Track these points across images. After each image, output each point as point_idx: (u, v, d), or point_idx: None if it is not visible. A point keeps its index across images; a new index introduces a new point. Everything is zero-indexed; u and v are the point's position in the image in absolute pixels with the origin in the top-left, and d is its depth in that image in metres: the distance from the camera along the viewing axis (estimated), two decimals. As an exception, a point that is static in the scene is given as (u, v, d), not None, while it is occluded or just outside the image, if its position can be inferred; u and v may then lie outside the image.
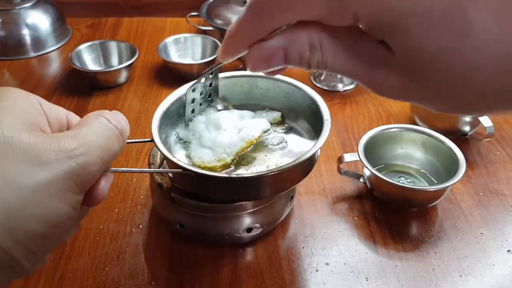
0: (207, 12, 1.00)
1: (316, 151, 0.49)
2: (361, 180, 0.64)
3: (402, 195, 0.60)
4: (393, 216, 0.61)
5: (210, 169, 0.49)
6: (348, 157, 0.63)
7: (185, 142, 0.54)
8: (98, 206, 0.64)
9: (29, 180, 0.27)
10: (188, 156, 0.52)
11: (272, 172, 0.46)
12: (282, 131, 0.56)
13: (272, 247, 0.57)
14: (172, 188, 0.54)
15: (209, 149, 0.51)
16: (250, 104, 0.59)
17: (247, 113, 0.56)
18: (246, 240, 0.56)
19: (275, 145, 0.54)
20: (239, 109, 0.57)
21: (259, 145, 0.53)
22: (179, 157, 0.52)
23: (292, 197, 0.58)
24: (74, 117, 0.35)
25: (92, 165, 0.30)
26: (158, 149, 0.48)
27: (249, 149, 0.52)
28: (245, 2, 0.24)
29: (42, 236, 0.28)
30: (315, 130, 0.54)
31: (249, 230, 0.55)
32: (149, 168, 0.57)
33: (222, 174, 0.49)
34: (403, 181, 0.64)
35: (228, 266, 0.55)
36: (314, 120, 0.54)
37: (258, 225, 0.55)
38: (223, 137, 0.51)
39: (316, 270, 0.55)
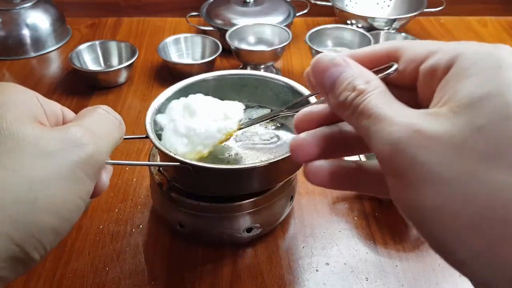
0: (207, 12, 1.00)
1: None
2: (361, 180, 0.64)
3: (402, 195, 0.60)
4: (393, 216, 0.61)
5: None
6: (348, 157, 0.63)
7: (159, 131, 0.53)
8: (98, 206, 0.64)
9: (39, 173, 0.27)
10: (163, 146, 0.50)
11: (273, 160, 0.47)
12: (273, 127, 0.57)
13: (272, 247, 0.57)
14: (172, 188, 0.54)
15: (184, 137, 0.49)
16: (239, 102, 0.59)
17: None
18: (246, 240, 0.56)
19: (267, 140, 0.55)
20: None
21: (251, 142, 0.54)
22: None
23: (292, 197, 0.58)
24: (69, 112, 0.35)
25: (99, 153, 0.30)
26: (154, 144, 0.48)
27: (226, 142, 0.52)
28: (245, 2, 0.24)
29: (54, 228, 0.28)
30: None
31: (249, 230, 0.55)
32: (149, 167, 0.57)
33: (221, 166, 0.49)
34: (403, 181, 0.64)
35: (228, 266, 0.55)
36: None
37: (258, 225, 0.55)
38: (198, 123, 0.49)
39: (316, 270, 0.55)
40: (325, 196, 0.64)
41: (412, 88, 0.27)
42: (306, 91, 0.55)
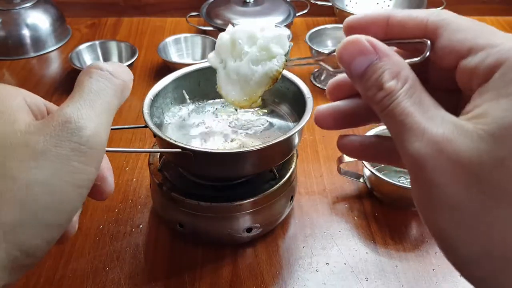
0: (207, 12, 1.00)
1: (302, 126, 0.50)
2: (361, 180, 0.64)
3: (402, 195, 0.60)
4: (393, 216, 0.61)
5: (242, 107, 0.49)
6: (348, 157, 0.63)
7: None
8: (98, 206, 0.64)
9: (34, 175, 0.26)
10: (219, 92, 0.50)
11: (268, 144, 0.48)
12: (265, 114, 0.58)
13: (272, 247, 0.57)
14: (172, 188, 0.54)
15: (236, 83, 0.48)
16: None
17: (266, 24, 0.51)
18: (246, 240, 0.56)
19: (260, 126, 0.56)
20: (220, 96, 0.59)
21: (245, 128, 0.56)
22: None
23: (292, 197, 0.58)
24: (52, 106, 0.33)
25: (98, 134, 0.28)
26: (154, 132, 0.49)
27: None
28: (245, 2, 0.24)
29: (58, 224, 0.27)
30: (297, 112, 0.56)
31: (249, 230, 0.55)
32: (149, 167, 0.57)
33: (220, 150, 0.50)
34: (403, 181, 0.64)
35: (228, 266, 0.55)
36: (295, 102, 0.56)
37: (258, 225, 0.55)
38: (247, 67, 0.47)
39: (316, 270, 0.55)
40: (325, 196, 0.64)
41: (451, 70, 0.25)
42: (299, 82, 0.56)
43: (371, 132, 0.64)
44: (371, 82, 0.25)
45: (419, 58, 0.26)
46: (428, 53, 0.26)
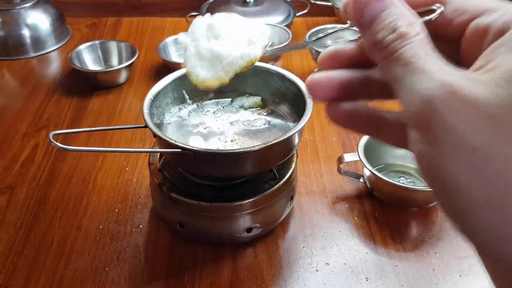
0: (207, 12, 1.00)
1: (303, 126, 0.51)
2: (361, 180, 0.64)
3: (402, 195, 0.60)
4: (393, 216, 0.61)
5: (207, 86, 0.48)
6: (348, 157, 0.63)
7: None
8: (98, 206, 0.64)
9: None
10: (184, 67, 0.49)
11: (270, 143, 0.48)
12: (265, 114, 0.59)
13: (272, 247, 0.57)
14: (172, 188, 0.54)
15: (205, 61, 0.48)
16: (229, 91, 0.61)
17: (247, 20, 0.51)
18: (246, 240, 0.56)
19: (259, 126, 0.56)
20: (220, 97, 0.60)
21: (244, 128, 0.56)
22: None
23: (292, 197, 0.58)
24: None
25: None
26: (154, 132, 0.49)
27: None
28: (245, 2, 0.23)
29: None
30: (297, 112, 0.56)
31: (249, 230, 0.55)
32: (149, 167, 0.57)
33: (220, 150, 0.51)
34: (403, 181, 0.64)
35: (228, 266, 0.55)
36: (295, 102, 0.57)
37: (258, 225, 0.55)
38: (221, 48, 0.47)
39: (316, 270, 0.55)
40: (325, 196, 0.64)
41: (454, 40, 0.25)
42: (299, 82, 0.56)
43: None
44: (383, 25, 0.24)
45: (431, 15, 0.26)
46: (441, 10, 0.25)
